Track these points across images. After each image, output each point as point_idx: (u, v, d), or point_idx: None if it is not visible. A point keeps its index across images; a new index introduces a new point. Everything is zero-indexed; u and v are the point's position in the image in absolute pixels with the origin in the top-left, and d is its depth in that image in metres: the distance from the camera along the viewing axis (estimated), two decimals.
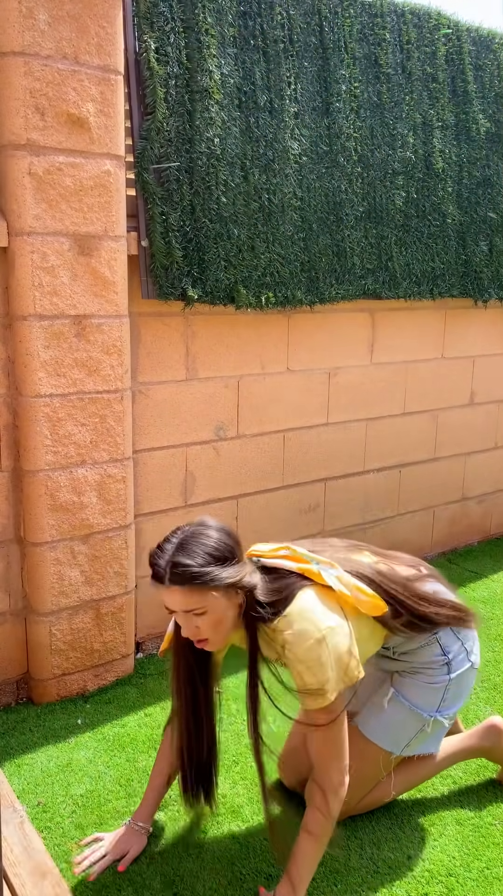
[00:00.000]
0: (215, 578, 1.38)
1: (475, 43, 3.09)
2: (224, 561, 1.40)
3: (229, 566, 1.40)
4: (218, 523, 1.46)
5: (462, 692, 1.76)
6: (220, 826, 1.80)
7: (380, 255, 2.86)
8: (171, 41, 2.22)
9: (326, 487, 3.04)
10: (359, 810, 1.77)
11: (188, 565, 1.37)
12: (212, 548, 1.40)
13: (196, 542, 1.40)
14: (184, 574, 1.37)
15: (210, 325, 2.55)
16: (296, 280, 2.62)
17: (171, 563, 1.38)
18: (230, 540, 1.44)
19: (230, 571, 1.40)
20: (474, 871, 1.68)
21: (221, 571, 1.38)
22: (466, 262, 3.15)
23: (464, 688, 1.76)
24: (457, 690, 1.74)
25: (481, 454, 3.65)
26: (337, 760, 1.50)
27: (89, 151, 2.08)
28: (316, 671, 1.43)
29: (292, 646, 1.43)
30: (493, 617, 2.90)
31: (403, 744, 1.73)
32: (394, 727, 1.72)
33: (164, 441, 2.52)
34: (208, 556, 1.39)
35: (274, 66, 2.48)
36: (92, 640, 2.35)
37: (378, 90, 2.80)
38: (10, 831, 1.57)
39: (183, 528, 1.45)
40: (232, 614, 1.46)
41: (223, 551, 1.41)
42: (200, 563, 1.37)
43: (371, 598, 1.54)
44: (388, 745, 1.72)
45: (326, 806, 1.49)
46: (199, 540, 1.41)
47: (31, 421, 2.12)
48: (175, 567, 1.37)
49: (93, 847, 1.69)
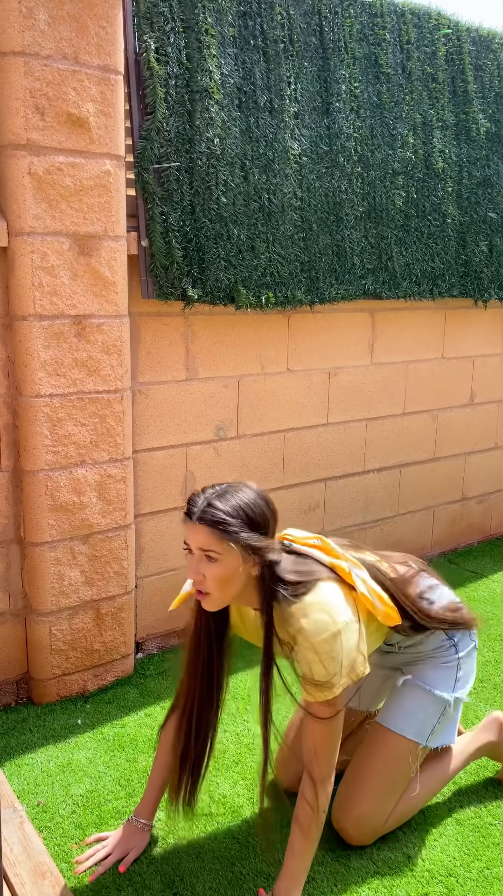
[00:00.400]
0: (239, 532, 1.42)
1: (475, 43, 3.09)
2: (253, 524, 1.44)
3: (256, 531, 1.44)
4: (262, 492, 1.50)
5: (471, 670, 1.79)
6: (219, 826, 1.80)
7: (380, 255, 2.86)
8: (171, 41, 2.22)
9: (326, 487, 3.04)
10: (389, 828, 1.75)
11: (220, 509, 1.42)
12: (247, 506, 1.44)
13: (235, 495, 1.45)
14: (213, 516, 1.41)
15: (210, 325, 2.55)
16: (296, 280, 2.62)
17: (207, 502, 1.43)
18: (268, 510, 1.48)
19: (254, 535, 1.43)
20: (474, 871, 1.68)
21: (247, 530, 1.42)
22: (466, 262, 3.15)
23: (472, 666, 1.80)
24: (468, 668, 1.78)
25: (481, 454, 3.65)
26: (329, 754, 1.52)
27: (89, 151, 2.08)
28: (327, 664, 1.44)
29: (308, 634, 1.44)
30: (493, 617, 2.90)
31: (428, 731, 1.73)
32: (417, 713, 1.73)
33: (164, 441, 2.52)
34: (241, 510, 1.43)
35: (274, 66, 2.48)
36: (92, 640, 2.35)
37: (378, 90, 2.80)
38: (10, 831, 1.57)
39: (230, 482, 1.50)
40: (241, 580, 1.47)
41: (257, 515, 1.45)
42: (230, 513, 1.42)
43: (388, 608, 1.58)
44: (414, 734, 1.72)
45: (315, 798, 1.50)
46: (238, 495, 1.45)
47: (31, 421, 2.12)
48: (209, 506, 1.42)
49: (95, 847, 1.70)
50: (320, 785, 1.51)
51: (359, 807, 1.69)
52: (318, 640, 1.43)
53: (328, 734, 1.50)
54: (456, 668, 1.75)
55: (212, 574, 1.45)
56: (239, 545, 1.42)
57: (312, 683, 1.46)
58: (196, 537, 1.44)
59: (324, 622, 1.44)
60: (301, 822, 1.51)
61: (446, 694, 1.73)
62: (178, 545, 2.62)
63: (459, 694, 1.75)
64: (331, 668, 1.44)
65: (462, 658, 1.76)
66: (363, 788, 1.70)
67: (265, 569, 1.46)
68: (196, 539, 1.44)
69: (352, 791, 1.71)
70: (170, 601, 2.63)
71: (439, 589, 1.75)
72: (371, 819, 1.70)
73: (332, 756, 1.52)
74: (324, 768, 1.51)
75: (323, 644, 1.43)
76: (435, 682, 1.74)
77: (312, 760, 1.51)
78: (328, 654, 1.44)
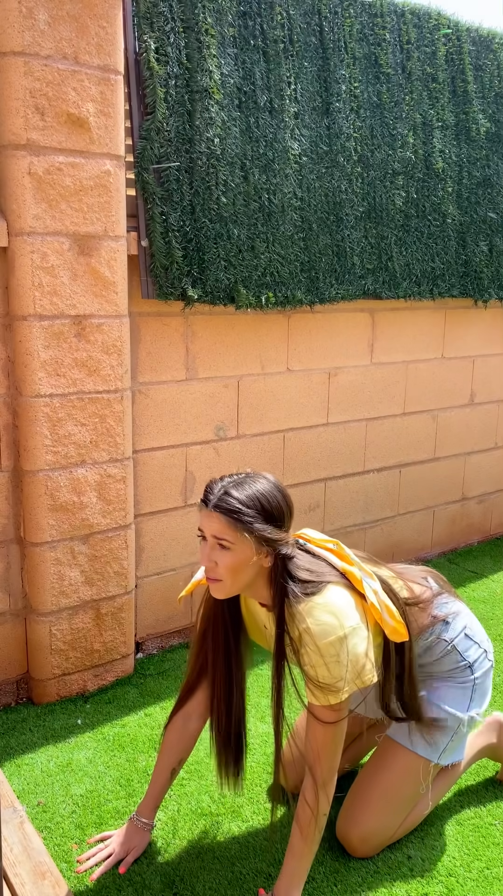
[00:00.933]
0: (253, 523, 1.42)
1: (475, 43, 3.09)
2: (268, 515, 1.44)
3: (271, 523, 1.44)
4: (280, 484, 1.50)
5: (486, 690, 1.77)
6: (219, 826, 1.80)
7: (380, 255, 2.86)
8: (171, 41, 2.22)
9: (326, 487, 3.04)
10: (399, 835, 1.75)
11: (236, 498, 1.42)
12: (264, 497, 1.44)
13: (252, 485, 1.45)
14: (229, 505, 1.42)
15: (210, 325, 2.55)
16: (296, 280, 2.62)
17: (224, 490, 1.44)
18: (284, 503, 1.48)
19: (268, 527, 1.44)
20: (474, 871, 1.68)
21: (260, 521, 1.43)
22: (466, 262, 3.15)
23: (488, 686, 1.78)
24: (483, 689, 1.75)
25: (481, 454, 3.65)
26: (331, 758, 1.51)
27: (89, 151, 2.08)
28: (331, 667, 1.43)
29: (314, 636, 1.43)
30: (493, 617, 2.90)
31: (440, 749, 1.70)
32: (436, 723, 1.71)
33: (164, 441, 2.52)
34: (257, 501, 1.43)
35: (274, 66, 2.48)
36: (92, 640, 2.35)
37: (378, 90, 2.80)
38: (10, 831, 1.57)
39: (249, 472, 1.51)
40: (251, 571, 1.47)
41: (272, 507, 1.45)
42: (246, 503, 1.42)
43: (397, 623, 1.55)
44: (426, 752, 1.70)
45: (315, 800, 1.49)
46: (256, 486, 1.46)
47: (31, 421, 2.12)
48: (225, 495, 1.43)
49: (97, 846, 1.70)
50: (321, 788, 1.50)
51: (366, 823, 1.68)
52: (324, 643, 1.42)
53: (331, 738, 1.49)
54: (471, 688, 1.72)
55: (223, 562, 1.45)
56: (252, 535, 1.42)
57: (317, 686, 1.45)
58: (210, 525, 1.44)
59: (330, 625, 1.43)
60: (301, 824, 1.51)
61: (460, 713, 1.71)
62: (179, 545, 2.62)
63: (473, 713, 1.73)
64: (335, 673, 1.43)
65: (478, 678, 1.73)
66: (371, 804, 1.68)
67: (278, 561, 1.46)
68: (210, 526, 1.44)
69: (360, 806, 1.70)
70: (170, 601, 2.63)
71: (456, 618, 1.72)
72: (378, 835, 1.69)
73: (334, 759, 1.52)
74: (326, 771, 1.51)
75: (328, 647, 1.42)
76: (449, 701, 1.71)
77: (314, 763, 1.51)
78: (333, 657, 1.43)
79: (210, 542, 1.46)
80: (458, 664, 1.71)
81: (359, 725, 1.91)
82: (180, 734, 1.71)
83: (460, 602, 1.77)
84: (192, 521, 2.64)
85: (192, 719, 1.71)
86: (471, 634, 1.73)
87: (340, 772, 1.91)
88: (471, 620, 1.76)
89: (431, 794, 1.76)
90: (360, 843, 1.68)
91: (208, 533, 1.46)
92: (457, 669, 1.72)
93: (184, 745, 1.71)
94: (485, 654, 1.75)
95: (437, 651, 1.70)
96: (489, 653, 1.77)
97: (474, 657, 1.72)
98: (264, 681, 2.35)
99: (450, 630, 1.70)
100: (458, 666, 1.71)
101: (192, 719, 1.71)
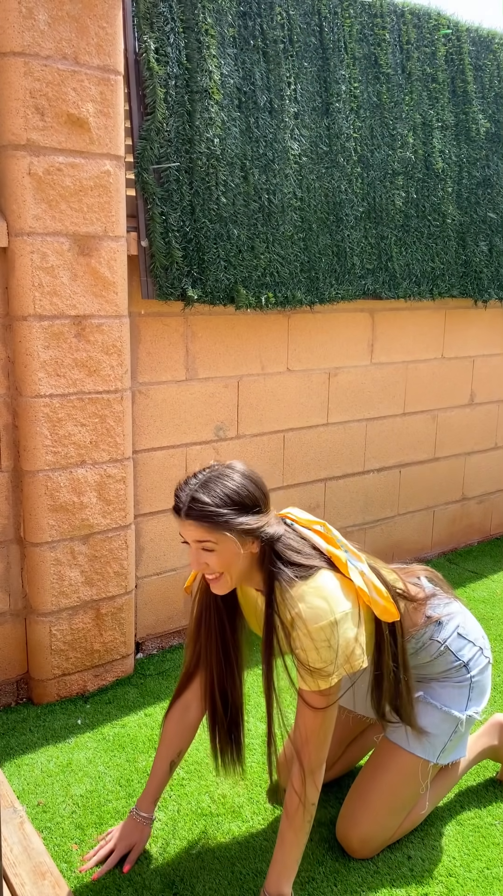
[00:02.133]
0: (229, 522, 1.40)
1: (475, 43, 3.09)
2: (243, 507, 1.42)
3: (247, 514, 1.43)
4: (247, 469, 1.48)
5: (485, 688, 1.76)
6: (219, 826, 1.80)
7: (380, 255, 2.86)
8: (170, 41, 2.23)
9: (326, 487, 3.04)
10: (398, 836, 1.74)
11: (205, 503, 1.40)
12: (233, 491, 1.42)
13: (219, 483, 1.43)
14: (201, 511, 1.40)
15: (210, 325, 2.55)
16: (296, 280, 2.62)
17: (191, 497, 1.41)
18: (254, 488, 1.46)
19: (246, 518, 1.42)
20: (474, 871, 1.68)
21: (237, 517, 1.41)
22: (466, 262, 3.15)
23: (486, 684, 1.76)
24: (481, 687, 1.74)
25: (481, 454, 3.66)
26: (319, 744, 1.50)
27: (89, 151, 2.08)
28: (322, 652, 1.43)
29: (305, 621, 1.43)
30: (493, 617, 2.90)
31: (439, 749, 1.70)
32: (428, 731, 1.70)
33: (164, 441, 2.52)
34: (227, 498, 1.41)
35: (274, 67, 2.48)
36: (92, 641, 2.35)
37: (378, 90, 2.80)
38: (10, 831, 1.57)
39: (212, 466, 1.48)
40: (244, 561, 1.47)
41: (244, 497, 1.43)
42: (217, 503, 1.40)
43: (387, 602, 1.54)
44: (424, 752, 1.69)
45: (303, 789, 1.48)
46: (222, 481, 1.43)
47: (30, 421, 2.12)
48: (193, 502, 1.41)
49: (99, 844, 1.70)
50: (309, 775, 1.49)
51: (365, 825, 1.67)
52: (315, 627, 1.42)
53: (320, 723, 1.48)
54: (468, 687, 1.72)
55: (213, 562, 1.45)
56: (233, 532, 1.41)
57: (307, 670, 1.44)
58: (188, 532, 1.44)
59: (322, 609, 1.42)
60: (289, 812, 1.50)
61: (458, 712, 1.70)
62: (178, 545, 2.62)
63: (471, 712, 1.72)
64: (325, 657, 1.43)
65: (474, 676, 1.72)
66: (371, 806, 1.68)
67: (265, 546, 1.46)
68: (189, 534, 1.44)
69: (360, 808, 1.69)
70: (170, 601, 2.64)
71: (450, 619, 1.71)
72: (377, 837, 1.69)
73: (323, 747, 1.51)
74: (314, 759, 1.50)
75: (319, 632, 1.42)
76: (446, 700, 1.71)
77: (302, 749, 1.50)
78: (324, 642, 1.42)
79: (194, 547, 1.45)
80: (453, 664, 1.71)
81: (357, 727, 1.90)
82: (179, 725, 1.70)
83: (456, 602, 1.76)
84: None
85: (191, 709, 1.70)
86: (464, 633, 1.72)
87: (336, 773, 1.92)
88: (466, 619, 1.75)
89: (429, 795, 1.75)
90: (361, 844, 1.68)
91: (189, 540, 1.45)
92: (452, 669, 1.71)
93: (183, 736, 1.71)
94: (480, 652, 1.74)
95: (431, 651, 1.69)
96: (485, 650, 1.76)
97: (468, 656, 1.71)
98: None
99: (443, 631, 1.70)
100: (453, 666, 1.71)
101: (191, 709, 1.70)
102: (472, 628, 1.76)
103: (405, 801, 1.70)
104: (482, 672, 1.74)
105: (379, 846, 1.70)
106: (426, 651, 1.69)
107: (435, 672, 1.72)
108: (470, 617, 1.78)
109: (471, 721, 1.73)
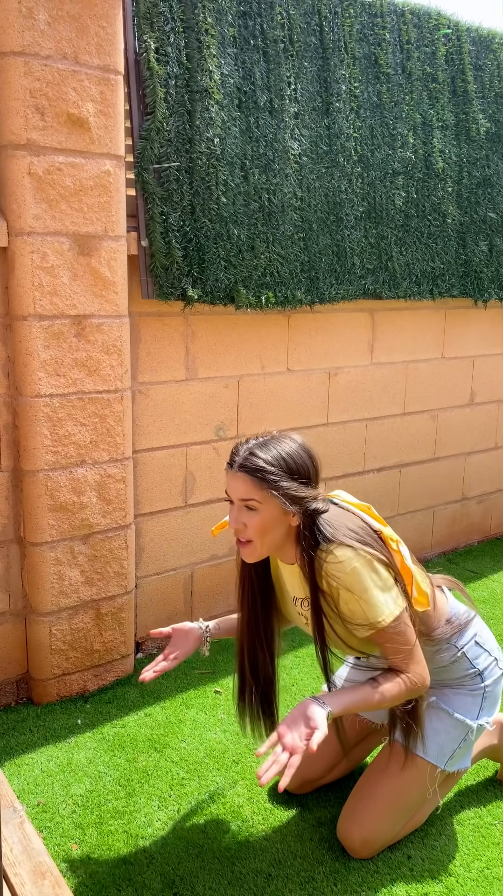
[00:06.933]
0: (278, 481, 1.43)
1: (475, 43, 3.09)
2: (294, 472, 1.45)
3: (297, 481, 1.45)
4: (306, 443, 1.51)
5: (497, 698, 1.76)
6: (219, 826, 1.80)
7: (380, 255, 2.86)
8: (171, 41, 2.22)
9: (326, 487, 3.03)
10: (399, 837, 1.74)
11: (260, 458, 1.43)
12: (288, 455, 1.45)
13: (277, 445, 1.46)
14: (253, 465, 1.43)
15: (210, 325, 2.55)
16: (296, 280, 2.62)
17: (249, 451, 1.45)
18: (309, 461, 1.49)
19: (294, 485, 1.44)
20: (474, 871, 1.68)
21: (286, 480, 1.43)
22: (466, 262, 3.15)
23: (499, 695, 1.77)
24: (493, 697, 1.75)
25: (481, 454, 3.65)
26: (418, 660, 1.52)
27: (89, 151, 2.08)
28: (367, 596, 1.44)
29: (335, 575, 1.44)
30: (493, 617, 2.90)
31: (448, 755, 1.69)
32: (439, 737, 1.70)
33: (164, 441, 2.52)
34: (282, 460, 1.44)
35: (274, 66, 2.48)
36: (92, 640, 2.35)
37: (378, 90, 2.80)
38: (10, 831, 1.57)
39: (274, 433, 1.52)
40: (280, 531, 1.48)
41: (298, 465, 1.46)
42: (270, 461, 1.43)
43: (423, 593, 1.57)
44: (434, 757, 1.68)
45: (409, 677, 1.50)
46: (280, 444, 1.47)
47: (31, 421, 2.12)
48: (250, 455, 1.44)
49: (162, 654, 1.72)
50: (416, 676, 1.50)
51: (369, 825, 1.66)
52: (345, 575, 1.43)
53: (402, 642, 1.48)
54: (482, 696, 1.72)
55: (252, 523, 1.46)
56: (279, 493, 1.42)
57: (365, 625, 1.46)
58: (236, 486, 1.45)
59: (346, 556, 1.44)
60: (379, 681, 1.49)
61: (469, 720, 1.70)
62: (179, 545, 2.62)
63: (482, 721, 1.72)
64: (372, 600, 1.44)
65: (488, 686, 1.72)
66: (376, 807, 1.67)
67: (306, 518, 1.47)
68: (236, 488, 1.45)
69: (364, 808, 1.68)
70: (170, 601, 2.64)
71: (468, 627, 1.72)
72: (379, 838, 1.68)
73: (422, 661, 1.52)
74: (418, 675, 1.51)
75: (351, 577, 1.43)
76: (459, 707, 1.71)
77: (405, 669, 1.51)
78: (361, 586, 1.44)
79: (237, 505, 1.47)
80: (468, 671, 1.71)
81: (363, 730, 1.90)
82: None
83: (474, 612, 1.76)
84: (192, 521, 2.64)
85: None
86: (481, 642, 1.73)
87: (338, 773, 1.91)
88: (483, 629, 1.76)
89: (432, 801, 1.75)
90: (362, 845, 1.67)
91: (234, 496, 1.46)
92: (466, 677, 1.71)
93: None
94: (495, 663, 1.74)
95: (447, 657, 1.69)
96: (500, 661, 1.76)
97: (484, 665, 1.72)
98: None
99: (461, 637, 1.70)
100: (468, 673, 1.71)
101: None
102: (489, 638, 1.77)
103: (410, 805, 1.69)
104: (496, 683, 1.75)
105: (380, 847, 1.70)
106: (442, 656, 1.69)
107: (449, 678, 1.72)
108: (486, 628, 1.79)
109: (480, 730, 1.73)
